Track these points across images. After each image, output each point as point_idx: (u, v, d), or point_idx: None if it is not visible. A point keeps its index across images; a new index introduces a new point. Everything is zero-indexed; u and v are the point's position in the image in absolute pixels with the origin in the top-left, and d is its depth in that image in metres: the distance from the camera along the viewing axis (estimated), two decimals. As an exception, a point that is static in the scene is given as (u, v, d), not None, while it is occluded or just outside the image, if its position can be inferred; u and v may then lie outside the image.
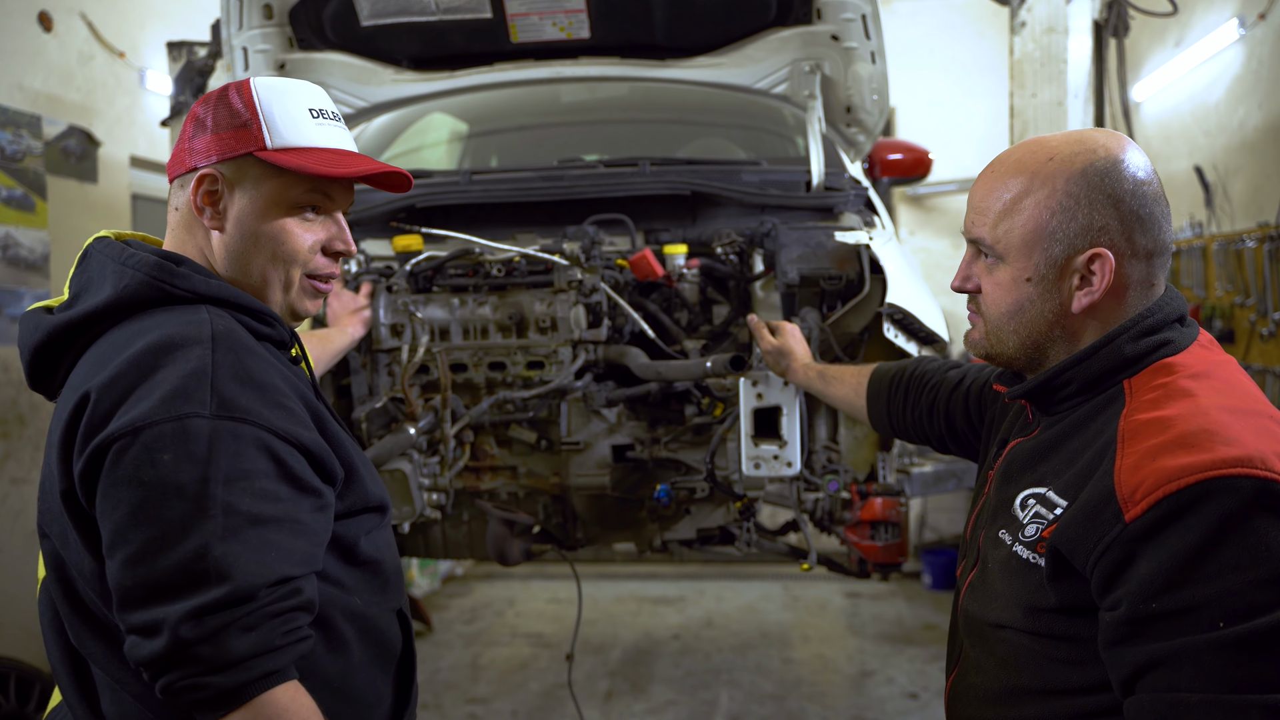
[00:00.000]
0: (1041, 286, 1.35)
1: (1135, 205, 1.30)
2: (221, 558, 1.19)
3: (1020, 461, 1.42)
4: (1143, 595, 1.13)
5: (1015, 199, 1.34)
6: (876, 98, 3.03)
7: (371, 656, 1.49)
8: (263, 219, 1.43)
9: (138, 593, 1.20)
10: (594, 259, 2.68)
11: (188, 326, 1.31)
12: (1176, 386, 1.26)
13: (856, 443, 2.84)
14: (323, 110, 1.47)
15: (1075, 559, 1.21)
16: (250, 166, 1.41)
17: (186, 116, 1.47)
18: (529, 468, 2.84)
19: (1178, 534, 1.12)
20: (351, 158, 1.46)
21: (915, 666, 4.94)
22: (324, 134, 1.45)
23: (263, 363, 1.33)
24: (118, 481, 1.21)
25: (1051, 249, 1.32)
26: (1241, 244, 4.73)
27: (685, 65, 3.07)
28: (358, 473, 1.45)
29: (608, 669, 4.91)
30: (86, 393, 1.26)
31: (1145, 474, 1.16)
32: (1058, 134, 1.37)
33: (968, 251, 1.44)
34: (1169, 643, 1.12)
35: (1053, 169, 1.32)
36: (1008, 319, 1.38)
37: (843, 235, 2.61)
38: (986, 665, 1.39)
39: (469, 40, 2.99)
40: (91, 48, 4.98)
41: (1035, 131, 3.74)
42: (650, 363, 2.63)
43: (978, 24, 6.67)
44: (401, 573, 1.61)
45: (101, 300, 1.35)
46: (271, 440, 1.27)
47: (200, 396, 1.23)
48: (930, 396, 1.89)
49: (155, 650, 1.18)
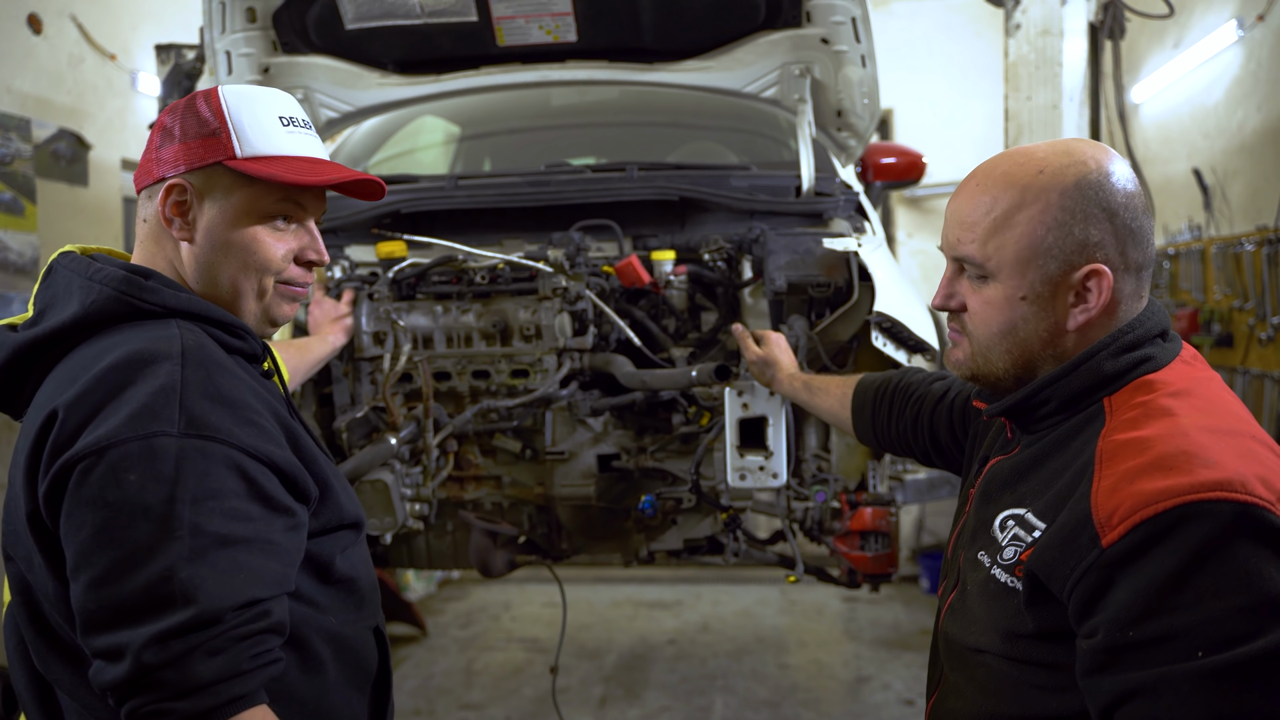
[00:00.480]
0: (1036, 305, 1.30)
1: (1128, 218, 1.27)
2: (188, 580, 1.16)
3: (1000, 481, 1.39)
4: (1120, 623, 1.10)
5: (1006, 214, 1.29)
6: (867, 101, 2.99)
7: (348, 677, 1.46)
8: (233, 229, 1.40)
9: (101, 616, 1.17)
10: (579, 266, 2.64)
11: (157, 342, 1.28)
12: (1156, 405, 1.22)
13: (849, 450, 2.81)
14: (293, 118, 1.44)
15: (1052, 584, 1.18)
16: (220, 176, 1.38)
17: (154, 126, 1.44)
18: (513, 477, 2.81)
19: (1156, 560, 1.09)
20: (323, 165, 1.44)
21: (912, 673, 4.90)
22: (294, 142, 1.43)
23: (234, 379, 1.31)
24: (82, 502, 1.18)
25: (1047, 266, 1.28)
26: (1240, 247, 4.69)
27: (673, 69, 3.03)
28: (332, 489, 1.43)
29: (602, 674, 4.88)
30: (54, 410, 1.23)
31: (1122, 497, 1.13)
32: (1039, 145, 1.33)
33: (949, 268, 1.39)
34: (1147, 672, 1.09)
35: (1045, 182, 1.27)
36: (998, 339, 1.34)
37: (831, 242, 2.58)
38: (966, 690, 1.36)
39: (455, 44, 2.95)
40: (82, 50, 4.95)
41: (1030, 135, 3.70)
42: (636, 371, 2.59)
43: (976, 24, 6.63)
44: (377, 590, 1.58)
45: (68, 316, 1.32)
46: (242, 459, 1.24)
47: (168, 414, 1.21)
48: (915, 409, 1.86)
49: (119, 675, 1.15)
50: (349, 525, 1.47)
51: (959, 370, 1.42)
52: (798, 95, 2.94)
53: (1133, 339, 1.30)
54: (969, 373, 1.40)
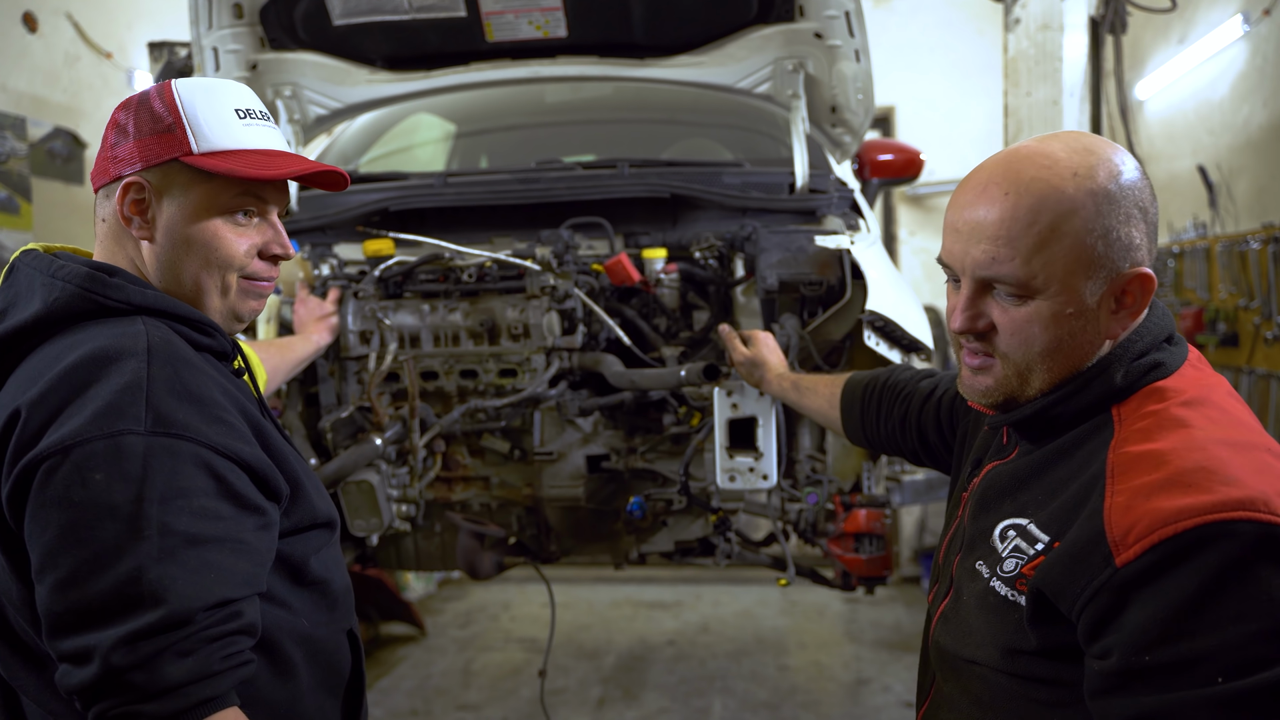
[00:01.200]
0: (1084, 318, 1.21)
1: (1154, 214, 1.22)
2: (156, 580, 1.14)
3: (998, 488, 1.33)
4: (1135, 646, 1.06)
5: (1052, 225, 1.18)
6: (862, 97, 2.95)
7: (320, 681, 1.43)
8: (193, 225, 1.37)
9: (68, 618, 1.15)
10: (567, 264, 2.61)
11: (122, 339, 1.26)
12: (1169, 415, 1.17)
13: (844, 451, 2.77)
14: (250, 110, 1.41)
15: (1060, 602, 1.13)
16: (177, 173, 1.36)
17: (108, 124, 1.41)
18: (501, 478, 2.77)
19: (1174, 582, 1.05)
20: (282, 158, 1.41)
21: (913, 675, 4.79)
22: (252, 135, 1.40)
23: (201, 375, 1.28)
24: (47, 502, 1.16)
25: (1096, 276, 1.19)
26: (1246, 245, 4.63)
27: (665, 64, 2.99)
28: (303, 488, 1.40)
29: (601, 675, 4.85)
30: (16, 410, 1.21)
31: (1138, 515, 1.08)
32: (1046, 144, 1.23)
33: (969, 286, 1.25)
34: (1163, 697, 1.05)
35: (1083, 185, 1.18)
36: (1041, 359, 1.24)
37: (823, 239, 2.54)
38: (960, 702, 1.32)
39: (444, 39, 2.92)
40: (78, 48, 4.94)
41: (1030, 131, 3.65)
42: (625, 371, 2.56)
43: (978, 21, 6.57)
44: (350, 592, 1.55)
45: (30, 314, 1.29)
46: (210, 456, 1.22)
47: (134, 412, 1.19)
48: (903, 408, 1.82)
49: (86, 678, 1.13)
50: (321, 525, 1.44)
51: (986, 397, 1.31)
52: (791, 91, 2.90)
53: (1142, 346, 1.25)
54: (1000, 398, 1.29)
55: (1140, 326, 1.26)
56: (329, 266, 2.76)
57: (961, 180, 1.29)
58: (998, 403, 1.30)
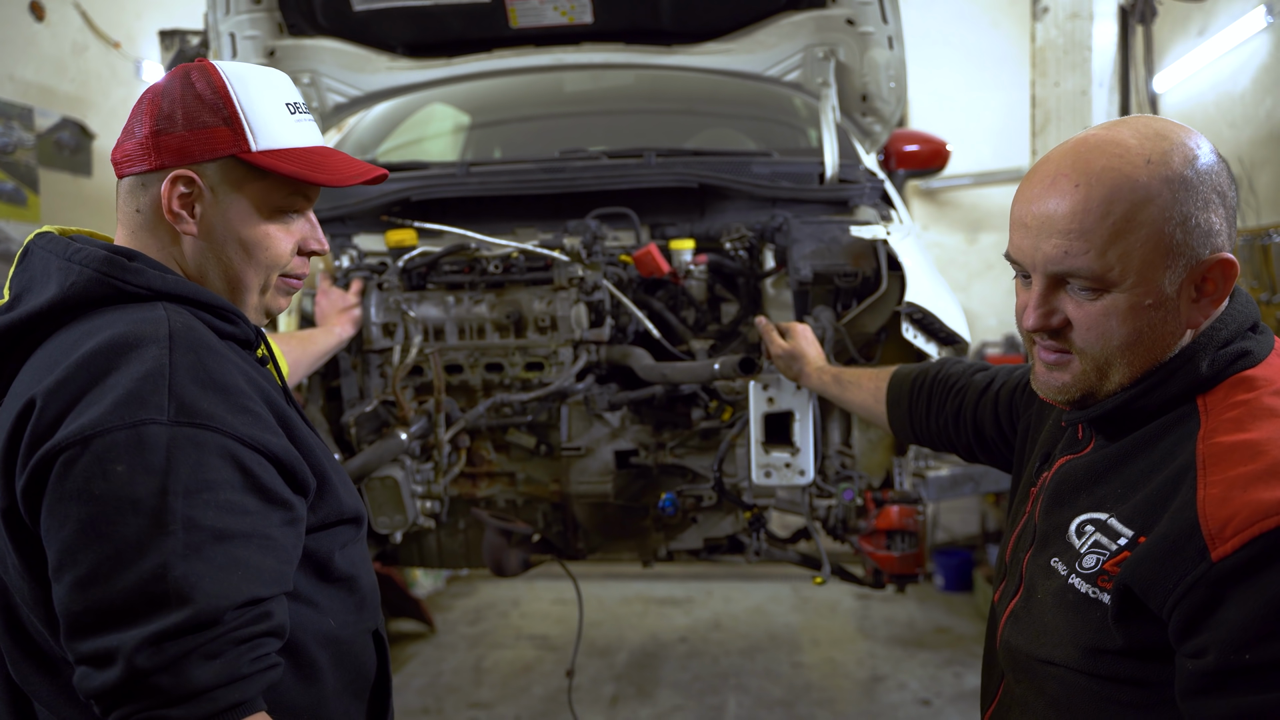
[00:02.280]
0: (1164, 309, 1.17)
1: (1233, 198, 1.17)
2: (183, 578, 1.08)
3: (1073, 482, 1.28)
4: (1234, 644, 1.01)
5: (1127, 215, 1.13)
6: (894, 85, 2.89)
7: (345, 684, 1.38)
8: (244, 224, 1.34)
9: (88, 618, 1.09)
10: (596, 255, 2.55)
11: (142, 324, 1.20)
12: (1261, 405, 1.12)
13: (871, 446, 2.72)
14: (299, 105, 1.39)
15: (1150, 599, 1.08)
16: (231, 169, 1.31)
17: (140, 104, 1.33)
18: (528, 474, 2.72)
19: (1276, 577, 1.00)
20: (339, 160, 1.40)
21: (927, 672, 4.82)
22: (303, 132, 1.37)
23: (225, 363, 1.23)
24: (65, 496, 1.10)
25: (1175, 265, 1.15)
26: (1269, 239, 4.57)
27: (693, 52, 2.94)
28: (330, 482, 1.34)
29: (613, 673, 4.80)
30: (31, 399, 1.15)
31: (1236, 507, 1.03)
32: (1116, 130, 1.19)
33: (1041, 283, 1.21)
34: (1263, 697, 1.00)
35: (1157, 172, 1.13)
36: (1121, 352, 1.19)
37: (859, 230, 2.49)
38: (1035, 704, 1.27)
39: (466, 25, 2.86)
40: (85, 38, 4.87)
41: (1058, 122, 3.60)
42: (655, 364, 2.50)
43: (992, 13, 6.52)
44: (377, 590, 1.50)
45: (46, 299, 1.24)
46: (237, 448, 1.16)
47: (157, 401, 1.13)
48: (956, 401, 1.76)
49: (109, 681, 1.07)
50: (349, 520, 1.39)
51: (1063, 394, 1.26)
52: (821, 79, 2.85)
53: (1227, 334, 1.20)
54: (1078, 394, 1.25)
55: (1224, 314, 1.21)
56: (349, 258, 2.70)
57: (1027, 173, 1.25)
58: (1075, 399, 1.26)
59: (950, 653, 5.06)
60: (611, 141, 3.54)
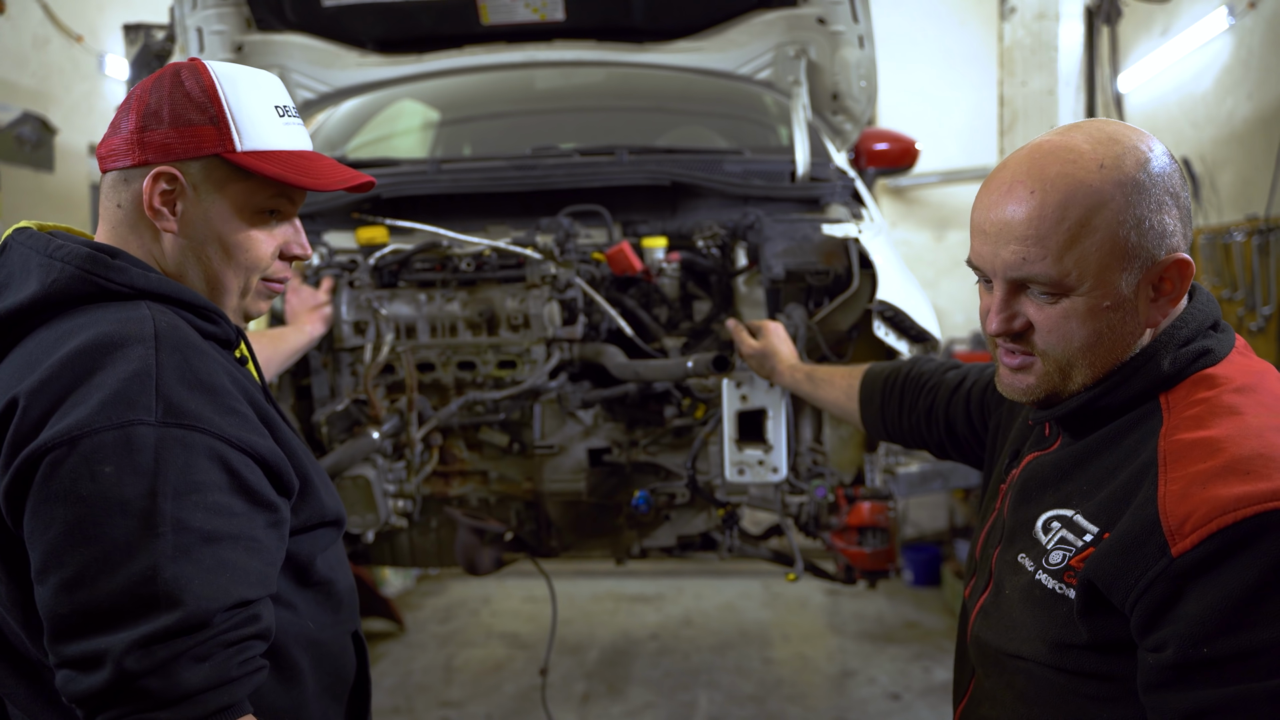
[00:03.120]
0: (1122, 310, 1.19)
1: (1185, 199, 1.19)
2: (173, 580, 1.08)
3: (1040, 478, 1.30)
4: (1193, 638, 1.03)
5: (1082, 220, 1.15)
6: (865, 84, 2.91)
7: (325, 686, 1.38)
8: (225, 224, 1.32)
9: (74, 620, 1.08)
10: (569, 252, 2.55)
11: (127, 324, 1.19)
12: (1221, 402, 1.14)
13: (842, 443, 2.73)
14: (287, 108, 1.37)
15: (1113, 594, 1.10)
16: (214, 169, 1.30)
17: (128, 100, 1.32)
18: (500, 472, 2.71)
19: (1233, 571, 1.02)
20: (322, 164, 1.39)
21: (897, 666, 4.86)
22: (290, 136, 1.36)
23: (211, 363, 1.22)
24: (51, 497, 1.09)
25: (1131, 267, 1.16)
26: (1230, 237, 4.65)
27: (665, 49, 2.94)
28: (312, 483, 1.34)
29: (584, 670, 4.80)
30: (14, 397, 1.13)
31: (1195, 503, 1.05)
32: (1068, 135, 1.20)
33: (1002, 288, 1.23)
34: (1221, 690, 1.02)
35: (1110, 176, 1.15)
36: (1082, 353, 1.21)
37: (830, 228, 2.50)
38: (1003, 697, 1.28)
39: (437, 21, 2.84)
40: (47, 31, 4.79)
41: (1026, 121, 3.64)
42: (628, 362, 2.50)
43: (960, 13, 6.57)
44: (355, 592, 1.50)
45: (26, 296, 1.22)
46: (224, 449, 1.16)
47: (145, 401, 1.12)
48: (928, 399, 1.78)
49: (96, 684, 1.06)
50: (330, 523, 1.39)
51: (1028, 395, 1.28)
52: (792, 77, 2.85)
53: (1188, 333, 1.22)
54: (1043, 394, 1.26)
55: (1185, 313, 1.23)
56: (319, 255, 2.68)
57: (985, 180, 1.26)
58: (1040, 399, 1.28)
59: (919, 647, 5.10)
60: (582, 139, 3.53)
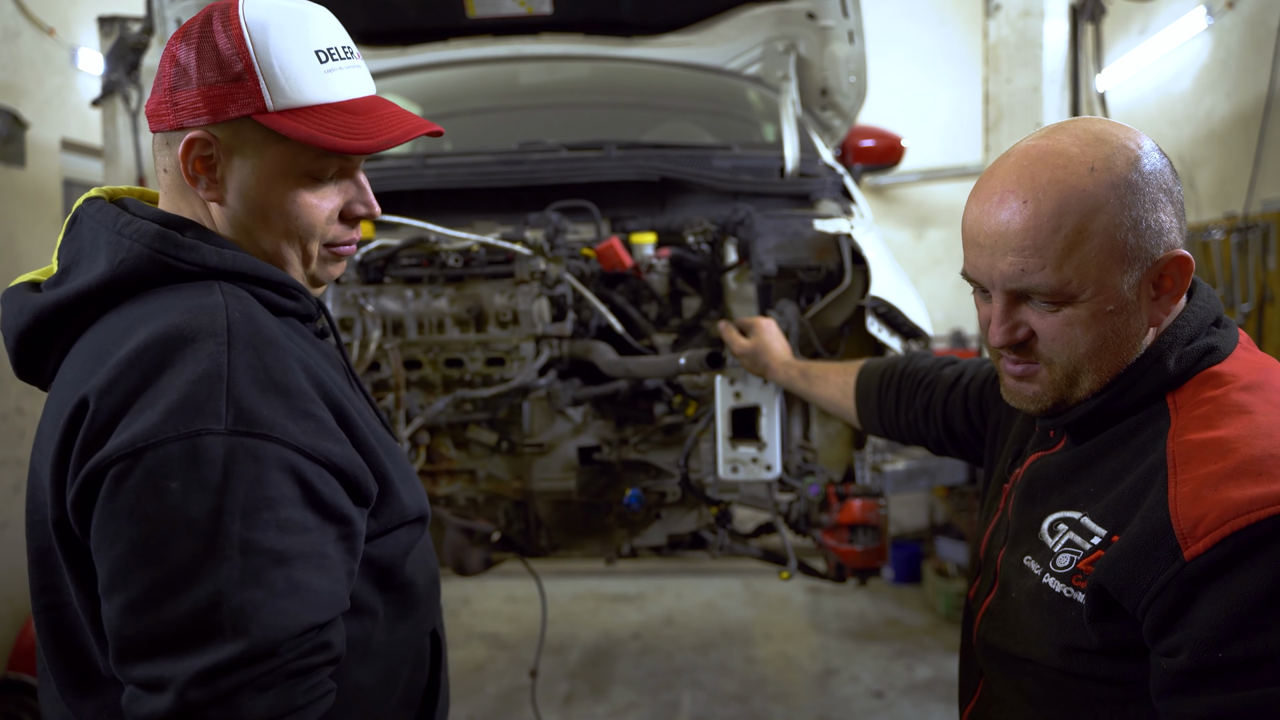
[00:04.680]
0: (1125, 312, 1.17)
1: (1178, 193, 1.18)
2: (239, 608, 1.02)
3: (1045, 479, 1.28)
4: (1207, 643, 1.01)
5: (1077, 228, 1.13)
6: (854, 79, 2.90)
7: (398, 693, 1.30)
8: (270, 191, 1.21)
9: (139, 642, 1.02)
10: (559, 248, 2.51)
11: (199, 314, 1.10)
12: (1229, 401, 1.12)
13: (829, 441, 2.72)
14: (332, 50, 1.20)
15: (1124, 599, 1.08)
16: (249, 130, 1.18)
17: (164, 53, 1.20)
18: (489, 471, 2.67)
19: (1247, 575, 1.00)
20: (372, 119, 1.21)
21: (879, 664, 4.86)
22: (337, 83, 1.19)
23: (286, 358, 1.13)
24: (116, 513, 1.03)
25: (1131, 269, 1.15)
26: (1209, 235, 4.68)
27: (653, 44, 2.91)
28: (391, 483, 1.24)
29: (567, 670, 4.77)
30: (84, 398, 1.06)
31: (1207, 506, 1.03)
32: (1057, 139, 1.18)
33: (1001, 299, 1.21)
34: (1237, 695, 1.00)
35: (1102, 179, 1.13)
36: (1088, 359, 1.19)
37: (822, 224, 2.48)
38: (1013, 700, 1.26)
39: (422, 14, 2.80)
40: (18, 23, 4.69)
41: (1011, 118, 3.64)
42: (619, 359, 2.47)
43: (940, 11, 6.59)
44: (437, 584, 1.39)
45: (94, 278, 1.14)
46: (298, 460, 1.08)
47: (213, 408, 1.05)
48: (926, 396, 1.76)
49: (159, 710, 1.01)
50: (412, 520, 1.28)
51: (1035, 404, 1.26)
52: (781, 72, 2.84)
53: (1190, 330, 1.20)
54: (1049, 403, 1.24)
55: (1186, 311, 1.21)
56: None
57: (974, 188, 1.24)
58: (1048, 407, 1.25)
59: (901, 645, 5.11)
60: (566, 135, 3.50)
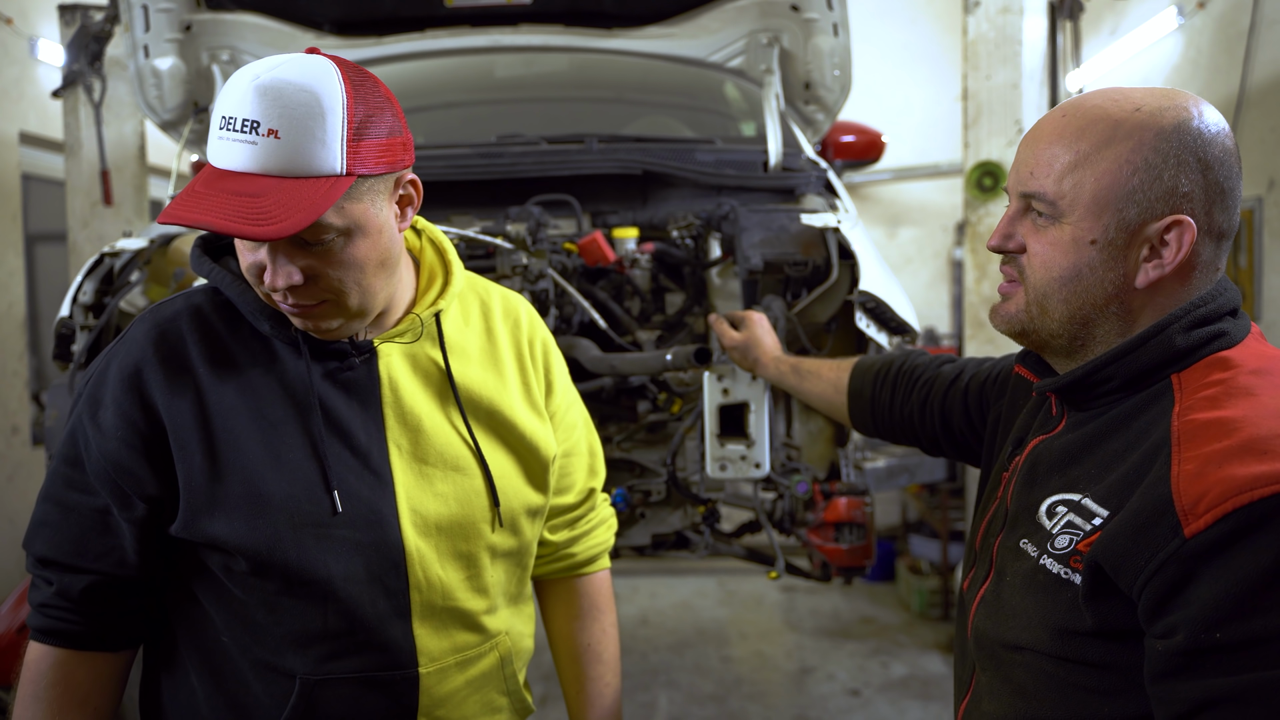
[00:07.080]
0: (1107, 252, 1.17)
1: (1222, 175, 1.15)
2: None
3: (1046, 462, 1.25)
4: (1205, 623, 0.98)
5: (1092, 149, 1.16)
6: (838, 73, 2.86)
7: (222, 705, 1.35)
8: None
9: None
10: (541, 242, 2.46)
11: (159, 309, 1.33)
12: (1237, 384, 1.11)
13: (812, 438, 2.68)
14: (231, 119, 1.14)
15: (1120, 577, 1.05)
16: None
17: None
18: None
19: (1249, 553, 0.97)
20: (202, 197, 1.14)
21: (855, 662, 4.86)
22: (217, 152, 1.17)
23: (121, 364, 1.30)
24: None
25: (1126, 211, 1.15)
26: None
27: (634, 35, 2.86)
28: (198, 502, 1.25)
29: (540, 672, 4.72)
30: None
31: (1210, 483, 1.00)
32: (1136, 88, 1.21)
33: (1013, 206, 1.25)
34: (1235, 678, 0.97)
35: (1140, 120, 1.15)
36: (1059, 285, 1.20)
37: (809, 218, 2.45)
38: (1001, 692, 1.23)
39: (398, 3, 2.74)
40: (-27, 12, 4.57)
41: (990, 115, 3.63)
42: (603, 355, 2.42)
43: (912, 10, 6.59)
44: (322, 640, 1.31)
45: None
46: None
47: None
48: (922, 393, 1.73)
49: None
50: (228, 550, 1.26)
51: (1008, 325, 1.28)
52: (765, 65, 2.80)
53: (1206, 313, 1.18)
54: (1020, 326, 1.26)
55: (1206, 294, 1.20)
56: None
57: None
58: (1018, 332, 1.28)
59: (876, 642, 5.11)
60: (544, 128, 3.44)
